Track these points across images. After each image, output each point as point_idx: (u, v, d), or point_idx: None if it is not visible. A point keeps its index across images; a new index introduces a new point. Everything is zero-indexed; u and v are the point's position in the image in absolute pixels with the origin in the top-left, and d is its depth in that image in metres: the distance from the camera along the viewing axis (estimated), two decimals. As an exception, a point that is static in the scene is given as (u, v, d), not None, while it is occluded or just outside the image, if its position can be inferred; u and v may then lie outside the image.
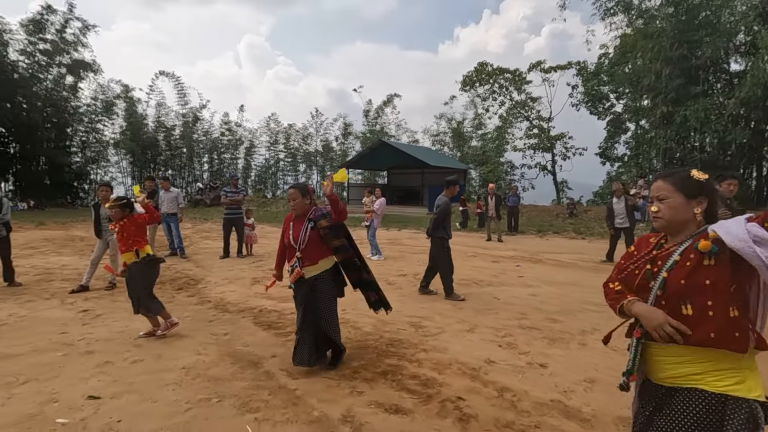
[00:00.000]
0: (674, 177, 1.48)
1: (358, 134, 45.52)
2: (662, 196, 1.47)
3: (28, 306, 5.25)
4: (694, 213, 1.43)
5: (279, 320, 4.76)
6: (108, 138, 32.09)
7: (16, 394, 2.94)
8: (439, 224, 5.94)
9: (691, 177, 1.45)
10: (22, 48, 25.85)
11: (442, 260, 5.89)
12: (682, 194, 1.44)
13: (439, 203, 6.02)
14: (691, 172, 1.46)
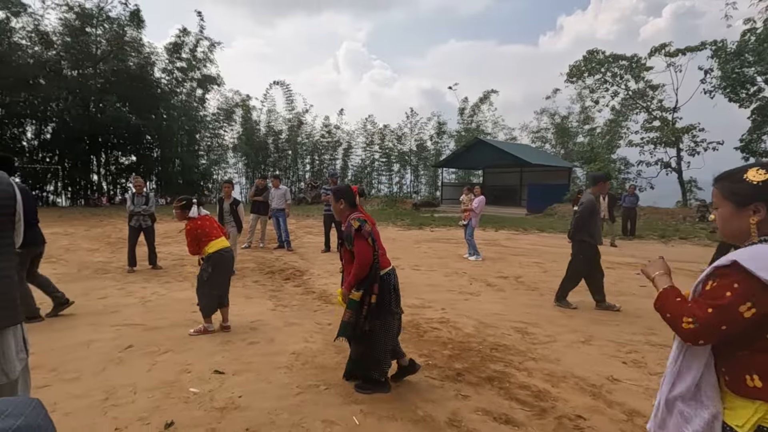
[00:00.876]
0: (723, 181, 1.27)
1: (453, 133, 44.83)
2: (715, 204, 1.29)
3: (167, 286, 6.05)
4: (750, 224, 1.18)
5: (379, 315, 4.80)
6: (228, 142, 36.26)
7: (159, 362, 3.35)
8: (582, 225, 5.27)
9: (743, 180, 1.20)
10: (163, 67, 30.31)
11: (575, 265, 5.30)
12: (730, 202, 1.23)
13: (584, 201, 5.36)
14: (746, 173, 1.20)
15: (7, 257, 1.78)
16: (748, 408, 1.10)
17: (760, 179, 1.18)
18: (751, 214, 1.18)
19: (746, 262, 1.09)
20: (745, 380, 1.10)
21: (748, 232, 1.20)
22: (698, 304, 1.15)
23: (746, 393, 1.10)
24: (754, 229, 1.18)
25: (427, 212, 24.02)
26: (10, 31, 25.28)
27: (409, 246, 10.48)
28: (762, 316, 1.07)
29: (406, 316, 4.67)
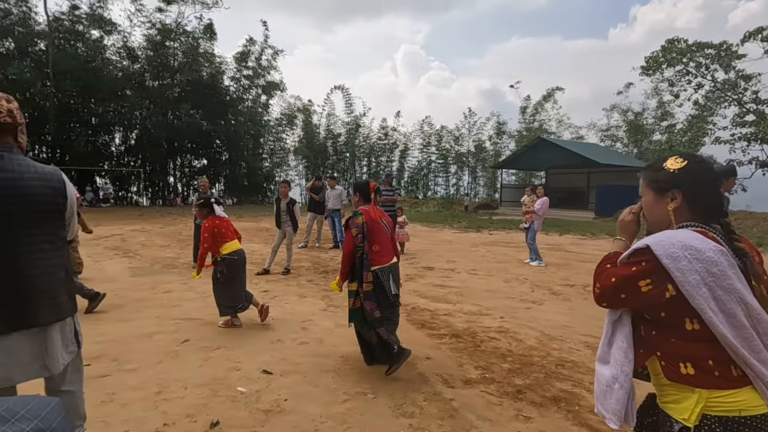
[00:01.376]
0: (647, 170, 1.33)
1: (513, 133, 43.25)
2: (640, 192, 1.34)
3: (226, 282, 6.24)
4: (668, 210, 1.23)
5: (432, 320, 4.56)
6: (289, 146, 37.77)
7: (211, 358, 3.38)
8: None
9: (662, 168, 1.26)
10: (232, 75, 32.21)
11: None
12: (651, 190, 1.29)
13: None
14: (666, 162, 1.26)
15: (54, 253, 1.80)
16: (689, 399, 1.10)
17: (677, 167, 1.22)
18: (669, 201, 1.23)
19: (654, 246, 1.13)
20: (680, 368, 1.12)
21: (668, 219, 1.23)
22: (607, 273, 1.23)
23: (682, 380, 1.11)
24: (672, 215, 1.22)
25: (485, 214, 23.24)
26: (103, 48, 28.15)
27: (466, 249, 10.09)
28: (660, 296, 1.11)
29: (461, 324, 4.40)
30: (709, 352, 1.09)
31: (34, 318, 1.69)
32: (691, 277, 1.07)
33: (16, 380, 1.68)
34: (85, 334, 4.04)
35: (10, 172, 1.66)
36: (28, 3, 25.64)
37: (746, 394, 1.07)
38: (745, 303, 1.08)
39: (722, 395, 1.07)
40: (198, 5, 29.85)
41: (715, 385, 1.08)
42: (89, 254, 8.63)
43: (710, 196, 1.21)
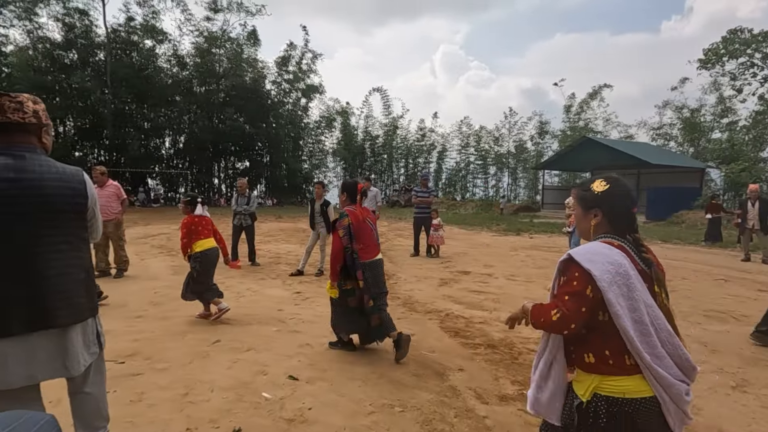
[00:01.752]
0: (578, 188, 1.59)
1: (556, 133, 41.72)
2: (573, 206, 1.64)
3: (260, 283, 6.31)
4: (590, 224, 1.49)
5: (467, 328, 4.35)
6: (327, 147, 38.34)
7: (239, 360, 3.36)
8: None
9: (589, 189, 1.50)
10: (273, 80, 33.10)
11: None
12: (579, 206, 1.54)
13: None
14: (593, 183, 1.50)
15: (73, 254, 1.78)
16: (587, 381, 1.35)
17: (600, 189, 1.46)
18: (592, 218, 1.48)
19: (576, 255, 1.37)
20: (584, 357, 1.35)
21: (589, 231, 1.49)
22: (557, 297, 1.38)
23: (586, 368, 1.35)
24: (592, 229, 1.48)
25: (526, 217, 22.48)
26: (155, 56, 29.76)
27: (505, 253, 9.72)
28: (598, 298, 1.30)
29: (498, 333, 4.17)
30: (607, 345, 1.32)
31: (53, 319, 1.68)
32: (606, 276, 1.29)
33: (39, 378, 1.68)
34: (124, 331, 4.18)
35: (30, 172, 1.66)
36: (90, 17, 27.53)
37: (633, 381, 1.30)
38: (647, 304, 1.32)
39: (613, 380, 1.31)
40: (242, 13, 31.00)
41: (608, 372, 1.31)
42: (137, 252, 9.04)
43: (624, 215, 1.46)
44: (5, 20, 25.59)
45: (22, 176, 1.63)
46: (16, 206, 1.61)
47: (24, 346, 1.64)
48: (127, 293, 5.61)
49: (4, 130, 1.67)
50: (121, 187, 6.78)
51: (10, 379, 1.61)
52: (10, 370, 1.61)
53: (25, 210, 1.63)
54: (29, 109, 1.73)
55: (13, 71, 24.98)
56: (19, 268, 1.63)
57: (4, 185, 1.60)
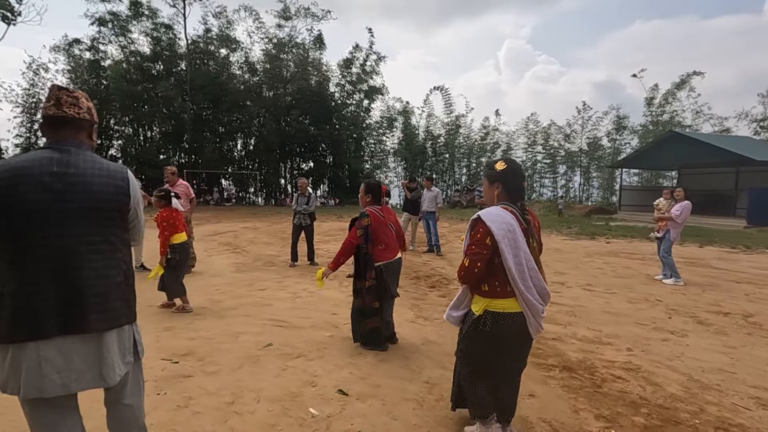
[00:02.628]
0: (486, 167, 2.31)
1: (636, 128, 38.23)
2: (483, 181, 2.33)
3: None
4: (494, 194, 2.18)
5: (537, 345, 3.86)
6: (389, 148, 38.36)
7: (289, 367, 3.20)
8: None
9: (494, 167, 2.20)
10: (337, 82, 33.78)
11: None
12: (486, 180, 2.24)
13: None
14: (496, 164, 2.20)
15: (113, 255, 1.66)
16: (481, 302, 2.12)
17: (501, 168, 2.17)
18: (495, 189, 2.18)
19: (483, 215, 2.05)
20: (481, 287, 2.11)
21: (493, 199, 2.18)
22: (468, 248, 2.09)
23: (481, 294, 2.12)
24: (495, 199, 2.18)
25: (601, 220, 20.70)
26: (229, 64, 31.65)
27: (578, 259, 8.86)
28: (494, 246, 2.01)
29: (575, 353, 3.65)
30: (497, 277, 2.05)
31: (87, 323, 1.56)
32: (500, 232, 1.99)
33: (73, 388, 1.56)
34: (183, 328, 4.23)
35: (74, 167, 1.58)
36: (174, 30, 29.93)
37: (510, 302, 2.07)
38: (525, 252, 2.03)
39: (497, 301, 2.07)
40: (309, 18, 31.96)
41: (495, 296, 2.08)
42: (205, 249, 9.47)
43: (517, 187, 2.16)
44: (105, 38, 28.66)
45: (67, 171, 1.55)
46: (59, 202, 1.52)
47: (60, 349, 1.53)
48: (192, 289, 5.75)
49: (57, 125, 1.62)
50: (190, 186, 7.06)
51: (46, 386, 1.51)
52: (45, 375, 1.51)
53: (68, 206, 1.54)
54: (84, 105, 1.69)
55: (110, 83, 27.85)
56: (57, 266, 1.53)
57: (47, 179, 1.52)
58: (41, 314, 1.51)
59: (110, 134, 29.94)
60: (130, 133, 30.59)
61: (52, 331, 1.52)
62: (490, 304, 2.06)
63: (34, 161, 1.53)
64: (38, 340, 1.50)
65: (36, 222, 1.50)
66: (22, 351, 1.49)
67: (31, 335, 1.49)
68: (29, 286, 1.50)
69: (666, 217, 6.43)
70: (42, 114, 1.64)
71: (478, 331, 2.10)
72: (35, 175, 1.50)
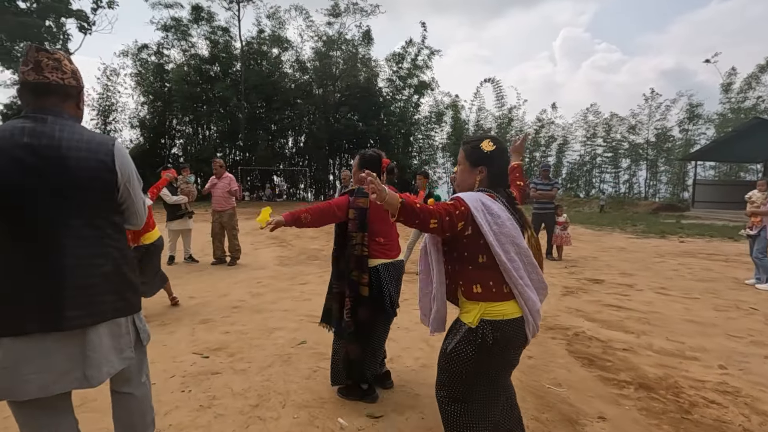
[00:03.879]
0: (467, 145, 1.77)
1: (711, 116, 34.71)
2: (459, 161, 1.81)
3: (360, 279, 5.97)
4: (475, 180, 1.72)
5: (606, 356, 3.33)
6: (437, 143, 37.65)
7: (320, 369, 2.94)
8: None
9: (478, 148, 1.71)
10: (386, 77, 33.60)
11: None
12: (468, 162, 1.74)
13: None
14: (482, 143, 1.71)
15: (101, 241, 1.44)
16: (474, 309, 1.60)
17: (489, 149, 1.70)
18: (477, 174, 1.72)
19: (466, 198, 1.60)
20: (473, 288, 1.60)
21: (474, 185, 1.73)
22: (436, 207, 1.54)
23: (474, 297, 1.60)
24: (476, 184, 1.72)
25: (670, 217, 18.90)
26: (281, 63, 32.46)
27: (648, 259, 7.95)
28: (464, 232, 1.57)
29: (653, 368, 3.09)
30: (490, 277, 1.60)
31: (66, 319, 1.36)
32: (485, 224, 1.57)
33: (53, 390, 1.37)
34: (220, 321, 4.11)
35: (48, 138, 1.35)
36: (230, 33, 31.15)
37: (509, 305, 1.60)
38: (517, 244, 1.62)
39: (494, 306, 1.58)
40: (358, 14, 32.01)
41: (492, 299, 1.59)
42: (252, 242, 9.59)
43: (503, 173, 1.77)
44: (168, 42, 30.43)
45: (39, 142, 1.34)
46: (33, 178, 1.32)
47: (40, 348, 1.35)
48: (234, 281, 5.75)
49: (39, 93, 1.40)
50: (234, 178, 7.09)
51: (24, 388, 1.33)
52: (23, 376, 1.33)
53: (41, 184, 1.33)
54: (68, 68, 1.45)
55: (172, 85, 29.53)
56: (32, 254, 1.34)
57: (18, 153, 1.31)
58: (19, 309, 1.33)
59: (172, 134, 31.82)
60: (190, 133, 32.32)
61: (32, 328, 1.33)
62: (486, 310, 1.57)
63: (4, 132, 1.32)
64: (17, 336, 1.32)
65: (7, 203, 1.31)
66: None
67: (7, 331, 1.32)
68: (3, 278, 1.32)
69: (762, 212, 5.50)
70: (20, 80, 1.42)
71: (474, 348, 1.56)
72: (5, 149, 1.30)
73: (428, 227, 1.50)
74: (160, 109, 30.16)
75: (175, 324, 3.94)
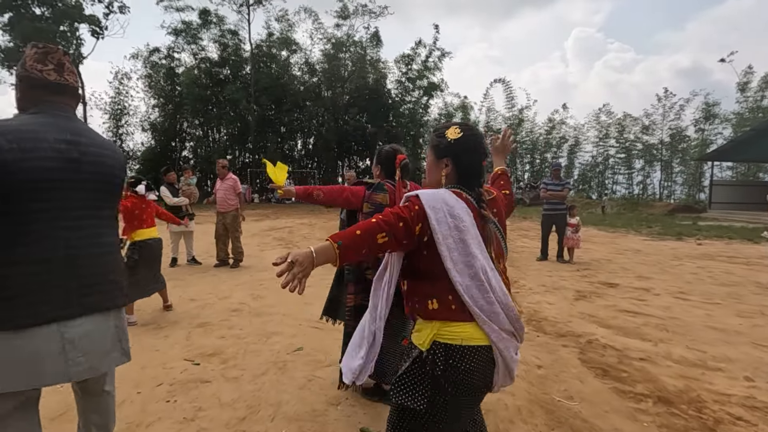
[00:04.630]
0: (433, 133, 1.48)
1: (728, 116, 33.95)
2: (427, 153, 1.49)
3: (364, 282, 5.81)
4: (441, 175, 1.41)
5: (621, 366, 3.12)
6: (446, 144, 37.41)
7: (315, 378, 2.79)
8: None
9: (443, 135, 1.41)
10: (396, 78, 33.48)
11: None
12: (433, 153, 1.44)
13: None
14: (447, 130, 1.42)
15: (114, 231, 1.57)
16: (427, 328, 1.27)
17: (454, 137, 1.38)
18: (443, 167, 1.40)
19: (423, 197, 1.29)
20: (428, 304, 1.28)
21: (440, 181, 1.41)
22: (385, 212, 1.27)
23: (429, 315, 1.27)
24: (443, 180, 1.40)
25: (686, 219, 18.39)
26: (289, 65, 32.55)
27: (664, 262, 7.65)
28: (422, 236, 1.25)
29: (673, 380, 2.87)
30: (450, 292, 1.26)
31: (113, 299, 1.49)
32: (443, 228, 1.25)
33: (103, 369, 1.47)
34: (218, 325, 3.97)
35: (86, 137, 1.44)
36: (239, 36, 31.35)
37: (470, 328, 1.25)
38: (480, 258, 1.27)
39: (451, 326, 1.25)
40: (366, 16, 31.96)
41: (449, 317, 1.25)
42: (258, 243, 9.51)
43: (473, 166, 1.39)
44: (179, 46, 30.73)
45: (80, 140, 1.41)
46: (74, 172, 1.38)
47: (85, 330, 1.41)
48: (236, 284, 5.64)
49: (59, 92, 1.44)
50: (238, 180, 6.99)
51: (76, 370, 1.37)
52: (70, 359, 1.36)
53: (83, 178, 1.41)
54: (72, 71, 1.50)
55: (183, 89, 29.78)
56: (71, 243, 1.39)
57: (63, 147, 1.35)
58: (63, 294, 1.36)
59: (183, 137, 32.06)
60: (200, 135, 32.52)
61: (75, 311, 1.38)
62: (441, 330, 1.25)
63: (46, 125, 1.35)
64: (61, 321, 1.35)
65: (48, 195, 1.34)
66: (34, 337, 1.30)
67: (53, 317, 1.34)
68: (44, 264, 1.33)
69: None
70: (35, 76, 1.40)
71: (424, 377, 1.23)
72: (49, 141, 1.32)
73: (378, 246, 1.22)
74: (170, 112, 30.41)
75: (171, 328, 3.82)
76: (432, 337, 1.25)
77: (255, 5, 30.77)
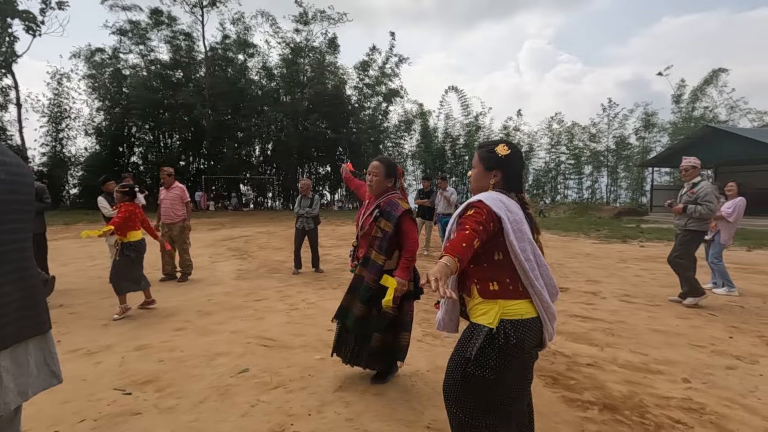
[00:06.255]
0: (482, 149, 1.81)
1: (665, 125, 36.50)
2: (473, 164, 1.84)
3: (320, 293, 5.66)
4: (489, 183, 1.75)
5: (570, 373, 3.17)
6: (407, 151, 37.79)
7: (259, 404, 2.62)
8: None
9: (493, 151, 1.75)
10: (354, 85, 33.47)
11: None
12: (482, 165, 1.78)
13: None
14: (497, 147, 1.75)
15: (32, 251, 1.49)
16: (492, 310, 1.59)
17: (503, 153, 1.74)
18: (492, 178, 1.76)
19: (485, 199, 1.62)
20: (489, 286, 1.61)
21: (488, 188, 1.76)
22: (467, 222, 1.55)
23: (490, 296, 1.60)
24: (491, 188, 1.75)
25: (631, 222, 19.51)
26: (246, 70, 31.74)
27: (612, 266, 8.01)
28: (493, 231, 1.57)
29: (618, 385, 2.94)
30: (506, 274, 1.61)
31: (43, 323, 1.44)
32: (507, 221, 1.59)
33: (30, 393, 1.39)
34: (158, 347, 3.69)
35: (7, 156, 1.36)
36: (193, 38, 30.24)
37: (525, 304, 1.62)
38: (531, 243, 1.66)
39: (512, 304, 1.59)
40: (325, 22, 31.80)
41: (509, 296, 1.60)
42: (210, 254, 9.08)
43: (517, 177, 1.78)
44: (125, 47, 29.18)
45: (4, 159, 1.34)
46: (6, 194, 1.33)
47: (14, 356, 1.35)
48: (183, 299, 5.31)
49: None
50: (185, 189, 6.64)
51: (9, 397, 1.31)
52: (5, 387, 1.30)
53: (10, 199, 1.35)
54: None
55: (131, 91, 28.26)
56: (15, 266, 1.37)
57: None
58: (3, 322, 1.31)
59: (132, 142, 30.37)
60: (151, 140, 30.96)
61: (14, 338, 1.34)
62: (505, 309, 1.58)
63: None
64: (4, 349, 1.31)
65: None
66: None
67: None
68: None
69: (716, 217, 5.58)
70: None
71: (496, 352, 1.53)
72: None
73: (476, 249, 1.51)
74: (117, 116, 28.70)
75: (105, 352, 3.51)
76: (499, 316, 1.57)
77: (209, 7, 29.86)
